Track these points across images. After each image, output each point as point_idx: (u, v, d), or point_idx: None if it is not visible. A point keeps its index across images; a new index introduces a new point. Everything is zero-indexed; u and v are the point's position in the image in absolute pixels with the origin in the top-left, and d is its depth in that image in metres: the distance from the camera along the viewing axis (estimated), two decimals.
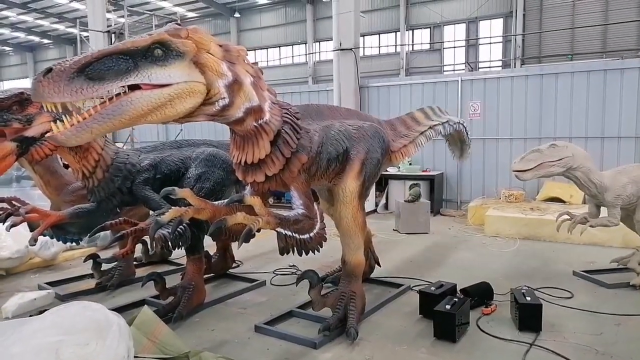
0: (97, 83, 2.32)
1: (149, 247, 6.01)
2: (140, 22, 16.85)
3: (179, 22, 3.40)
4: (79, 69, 2.29)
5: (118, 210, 4.47)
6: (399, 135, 4.70)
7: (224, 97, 2.78)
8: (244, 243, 2.84)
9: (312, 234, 3.29)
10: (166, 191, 2.92)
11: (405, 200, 8.08)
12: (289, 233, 3.13)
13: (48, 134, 2.41)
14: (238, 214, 2.84)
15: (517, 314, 3.91)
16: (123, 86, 2.41)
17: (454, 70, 22.43)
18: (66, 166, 4.85)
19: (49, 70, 2.25)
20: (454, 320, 3.64)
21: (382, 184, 10.06)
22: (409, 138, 4.69)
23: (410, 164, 9.87)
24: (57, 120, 2.37)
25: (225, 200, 3.28)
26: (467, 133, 5.50)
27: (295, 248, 3.18)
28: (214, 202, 3.24)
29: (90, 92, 2.30)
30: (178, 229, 3.79)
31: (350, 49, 10.25)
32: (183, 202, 3.09)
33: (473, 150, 9.52)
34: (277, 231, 3.08)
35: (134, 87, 2.48)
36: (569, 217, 5.05)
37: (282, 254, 3.15)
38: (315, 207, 3.44)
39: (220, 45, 2.83)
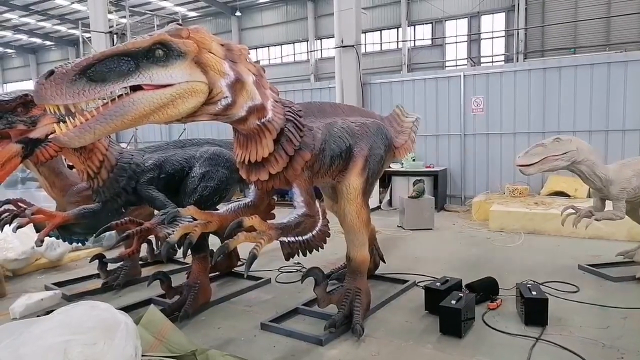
0: (99, 84, 2.32)
1: (154, 246, 6.08)
2: (142, 23, 16.89)
3: (180, 22, 3.41)
4: (81, 70, 2.29)
5: (123, 210, 4.49)
6: (397, 131, 4.73)
7: (227, 96, 2.79)
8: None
9: (314, 232, 3.32)
10: (172, 214, 2.96)
11: (409, 197, 8.07)
12: (292, 239, 3.16)
13: (51, 135, 2.42)
14: (240, 236, 2.85)
15: (523, 309, 3.91)
16: (125, 87, 2.42)
17: (456, 65, 22.32)
18: (71, 167, 4.87)
19: (51, 72, 2.26)
20: (459, 315, 3.64)
21: (386, 180, 10.05)
22: (406, 133, 4.72)
23: (413, 160, 9.86)
24: (61, 122, 2.39)
25: (229, 207, 3.35)
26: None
27: (300, 251, 3.22)
28: (219, 212, 3.30)
29: (92, 94, 2.30)
30: None
31: (352, 46, 10.23)
32: (188, 202, 3.12)
33: (477, 146, 9.63)
34: (280, 241, 3.10)
35: (136, 88, 2.49)
36: (573, 211, 5.03)
37: (287, 259, 3.19)
38: (317, 204, 3.45)
39: (222, 45, 2.83)
